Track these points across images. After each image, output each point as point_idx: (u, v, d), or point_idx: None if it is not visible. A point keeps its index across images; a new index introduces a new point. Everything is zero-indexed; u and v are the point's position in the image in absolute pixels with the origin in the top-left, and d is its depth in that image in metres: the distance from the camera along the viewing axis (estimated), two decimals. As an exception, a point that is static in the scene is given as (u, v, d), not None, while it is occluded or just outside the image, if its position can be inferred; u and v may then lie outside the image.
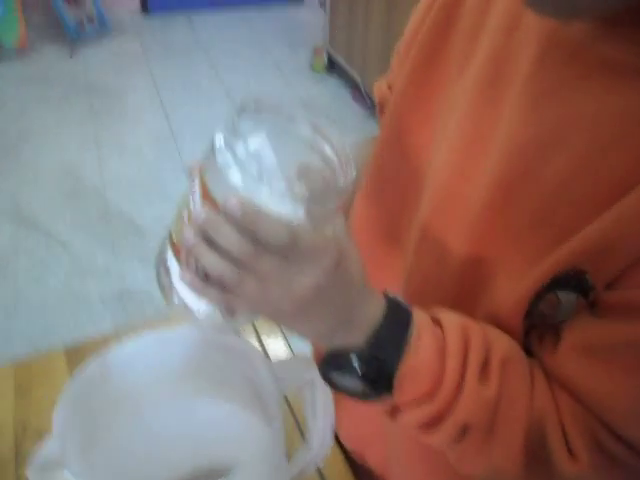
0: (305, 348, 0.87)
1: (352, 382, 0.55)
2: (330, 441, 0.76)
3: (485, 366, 0.55)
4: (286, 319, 0.52)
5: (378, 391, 0.55)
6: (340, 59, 4.10)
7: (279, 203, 0.46)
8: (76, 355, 1.04)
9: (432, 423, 0.56)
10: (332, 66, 4.28)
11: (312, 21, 4.98)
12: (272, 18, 5.09)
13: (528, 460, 0.56)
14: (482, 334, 0.57)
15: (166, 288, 0.55)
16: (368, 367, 0.54)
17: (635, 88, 0.51)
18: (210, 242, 0.47)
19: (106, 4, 4.56)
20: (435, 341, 0.55)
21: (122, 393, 0.76)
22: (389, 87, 0.82)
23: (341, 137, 0.52)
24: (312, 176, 0.49)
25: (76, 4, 4.30)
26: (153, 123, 3.58)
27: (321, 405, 0.74)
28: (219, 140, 0.46)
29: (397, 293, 0.58)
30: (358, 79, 3.86)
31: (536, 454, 0.56)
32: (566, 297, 0.55)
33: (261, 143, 0.50)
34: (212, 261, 0.47)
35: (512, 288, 0.58)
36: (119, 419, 0.77)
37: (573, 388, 0.55)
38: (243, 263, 0.47)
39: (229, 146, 0.46)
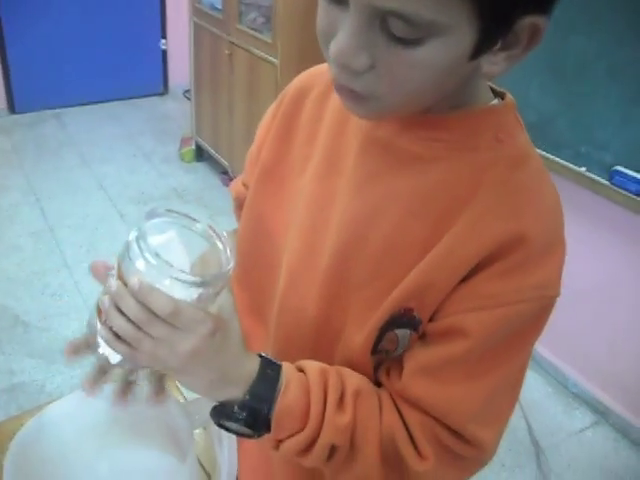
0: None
1: (238, 427, 0.66)
2: (235, 470, 0.90)
3: (341, 399, 0.68)
4: (174, 373, 0.65)
5: (260, 432, 0.67)
6: (208, 147, 4.23)
7: (173, 286, 0.59)
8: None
9: (306, 449, 0.67)
10: (201, 154, 4.42)
11: (178, 112, 5.15)
12: (139, 111, 5.21)
13: (386, 467, 0.69)
14: (337, 374, 0.69)
15: (92, 342, 0.67)
16: (248, 415, 0.65)
17: (428, 172, 0.68)
18: (119, 309, 0.60)
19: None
20: (300, 385, 0.67)
21: (55, 453, 0.87)
22: (244, 185, 0.95)
23: (228, 236, 0.66)
24: (209, 263, 0.64)
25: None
26: (29, 219, 3.62)
27: (225, 436, 0.90)
28: (132, 236, 0.60)
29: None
30: (226, 165, 4.00)
31: (392, 461, 0.69)
32: (402, 333, 0.69)
33: (167, 239, 0.64)
34: (118, 323, 0.60)
35: (359, 332, 0.71)
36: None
37: (419, 404, 0.68)
38: (140, 327, 0.59)
39: (137, 241, 0.59)
